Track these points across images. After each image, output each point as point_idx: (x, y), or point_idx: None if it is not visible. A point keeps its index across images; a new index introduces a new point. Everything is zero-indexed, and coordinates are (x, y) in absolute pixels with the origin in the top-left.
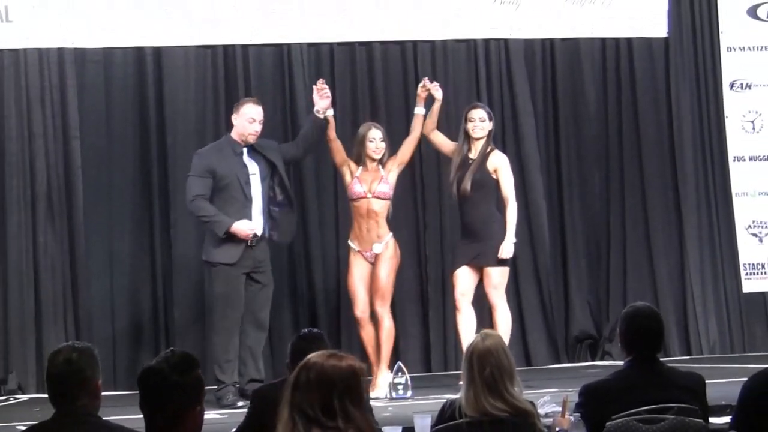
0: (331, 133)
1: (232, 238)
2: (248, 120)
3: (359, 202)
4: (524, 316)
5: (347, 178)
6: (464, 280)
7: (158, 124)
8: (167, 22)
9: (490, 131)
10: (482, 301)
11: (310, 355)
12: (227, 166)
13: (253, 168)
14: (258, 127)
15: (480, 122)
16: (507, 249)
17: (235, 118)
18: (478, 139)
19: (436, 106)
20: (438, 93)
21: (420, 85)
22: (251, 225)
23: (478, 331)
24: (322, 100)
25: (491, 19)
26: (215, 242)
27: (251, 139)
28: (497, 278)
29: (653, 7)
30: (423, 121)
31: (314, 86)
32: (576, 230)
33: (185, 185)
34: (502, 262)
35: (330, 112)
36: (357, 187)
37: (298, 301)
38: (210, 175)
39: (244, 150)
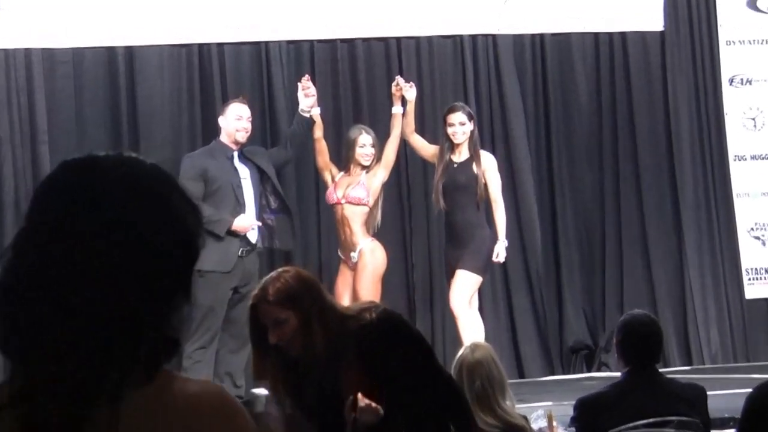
0: (317, 132)
1: (226, 245)
2: (235, 117)
3: (335, 209)
4: (516, 326)
5: (329, 183)
6: None
7: (131, 128)
8: (139, 21)
9: (472, 132)
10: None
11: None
12: (219, 169)
13: (244, 172)
14: (246, 125)
15: (460, 126)
16: (501, 252)
17: (222, 120)
18: (460, 143)
19: (410, 108)
20: (409, 94)
21: (393, 83)
22: (251, 219)
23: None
24: (306, 99)
25: (478, 14)
26: (208, 249)
27: (241, 138)
28: (462, 283)
29: None
30: (401, 120)
31: (299, 83)
32: (569, 235)
33: None
34: (475, 269)
35: (316, 111)
36: (333, 194)
37: None
38: (201, 178)
39: (235, 154)
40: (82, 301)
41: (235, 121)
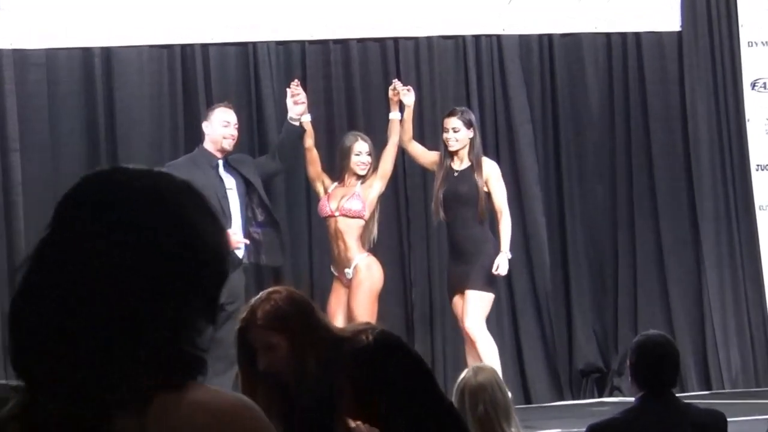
0: (308, 141)
1: None
2: (222, 123)
3: (328, 222)
4: (522, 347)
5: (320, 195)
6: (461, 309)
7: (109, 135)
8: (117, 19)
9: (471, 139)
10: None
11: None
12: (203, 179)
13: (230, 182)
14: (233, 131)
15: (453, 132)
16: (503, 264)
17: (207, 126)
18: (456, 151)
19: (408, 114)
20: (408, 98)
21: (390, 87)
22: (238, 235)
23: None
24: (296, 106)
25: (482, 13)
26: None
27: (227, 145)
28: (474, 303)
29: None
30: (399, 127)
31: (287, 89)
32: (579, 250)
33: None
34: (486, 287)
35: (306, 118)
36: (326, 206)
37: None
38: None
39: (220, 162)
40: (82, 301)
41: (222, 128)
